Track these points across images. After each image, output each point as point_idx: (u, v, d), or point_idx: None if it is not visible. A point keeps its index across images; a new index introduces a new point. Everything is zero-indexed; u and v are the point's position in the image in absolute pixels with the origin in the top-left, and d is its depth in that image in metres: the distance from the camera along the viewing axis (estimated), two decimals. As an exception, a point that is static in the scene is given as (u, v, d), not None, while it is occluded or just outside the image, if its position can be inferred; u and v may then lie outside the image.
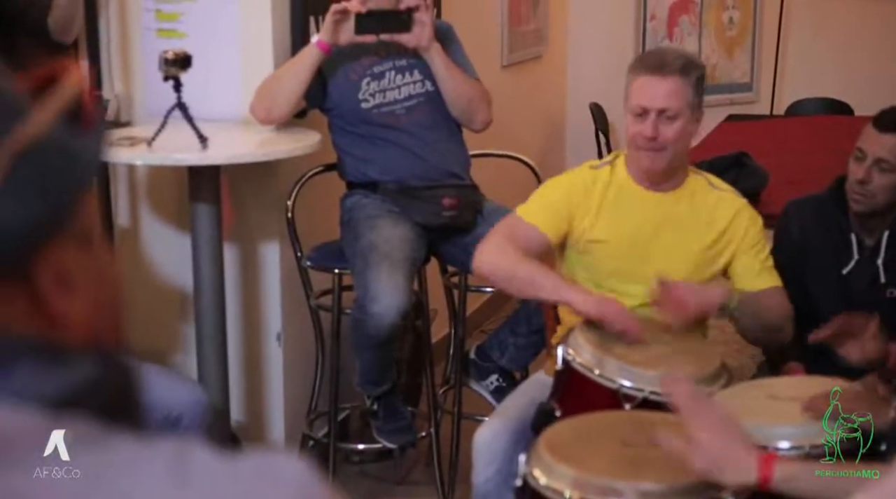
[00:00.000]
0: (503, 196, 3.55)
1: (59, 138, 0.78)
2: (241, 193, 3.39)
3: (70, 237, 0.79)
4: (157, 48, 3.03)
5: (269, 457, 0.75)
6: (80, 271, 0.79)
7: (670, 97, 2.52)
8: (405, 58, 3.24)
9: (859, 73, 6.23)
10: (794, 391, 2.19)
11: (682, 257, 2.59)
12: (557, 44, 6.14)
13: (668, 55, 2.58)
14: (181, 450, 0.73)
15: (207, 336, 3.12)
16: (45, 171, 0.77)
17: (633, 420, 2.18)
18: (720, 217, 2.63)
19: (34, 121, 0.77)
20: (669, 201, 2.63)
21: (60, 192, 0.77)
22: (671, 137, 2.54)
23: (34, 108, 0.78)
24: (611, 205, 2.63)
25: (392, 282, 2.97)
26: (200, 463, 0.73)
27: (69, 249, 0.78)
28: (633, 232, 2.61)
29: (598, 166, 2.69)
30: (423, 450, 3.62)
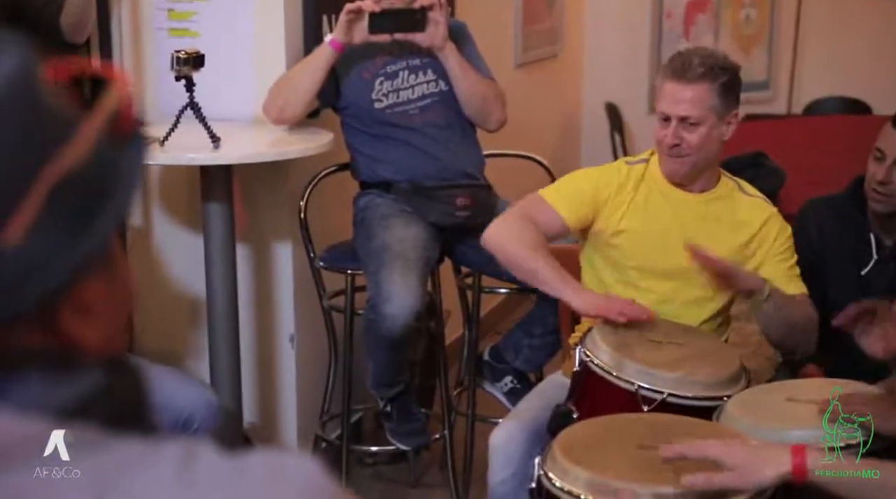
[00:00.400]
0: (517, 196, 3.51)
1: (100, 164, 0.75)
2: (254, 193, 3.37)
3: (96, 268, 0.77)
4: (169, 48, 3.02)
5: (278, 456, 0.75)
6: (99, 299, 0.78)
7: (692, 104, 2.50)
8: (419, 57, 3.22)
9: (878, 71, 6.19)
10: (812, 394, 2.17)
11: None
12: (572, 43, 6.11)
13: (693, 59, 2.53)
14: (188, 451, 0.73)
15: (220, 337, 3.11)
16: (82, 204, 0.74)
17: (648, 423, 2.16)
18: (750, 222, 2.61)
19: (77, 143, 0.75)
20: (700, 202, 2.63)
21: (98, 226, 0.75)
22: (694, 145, 2.53)
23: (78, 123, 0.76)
24: (642, 200, 2.63)
25: (405, 283, 2.95)
26: (207, 464, 0.72)
27: (93, 279, 0.77)
28: (661, 229, 2.60)
29: (634, 163, 2.69)
30: (437, 452, 3.60)
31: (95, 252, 0.75)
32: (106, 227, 0.75)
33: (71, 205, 0.73)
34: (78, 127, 0.75)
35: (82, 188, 0.74)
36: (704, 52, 2.59)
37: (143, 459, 0.71)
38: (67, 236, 0.72)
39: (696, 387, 2.27)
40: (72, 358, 0.76)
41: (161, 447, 0.73)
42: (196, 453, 0.73)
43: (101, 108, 0.77)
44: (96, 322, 0.77)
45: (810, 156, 4.72)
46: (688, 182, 2.62)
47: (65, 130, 0.75)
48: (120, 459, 0.71)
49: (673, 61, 2.56)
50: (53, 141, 0.74)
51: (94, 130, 0.75)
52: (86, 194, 0.74)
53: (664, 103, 2.54)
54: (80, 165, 0.74)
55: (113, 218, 0.76)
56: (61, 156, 0.73)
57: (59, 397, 0.75)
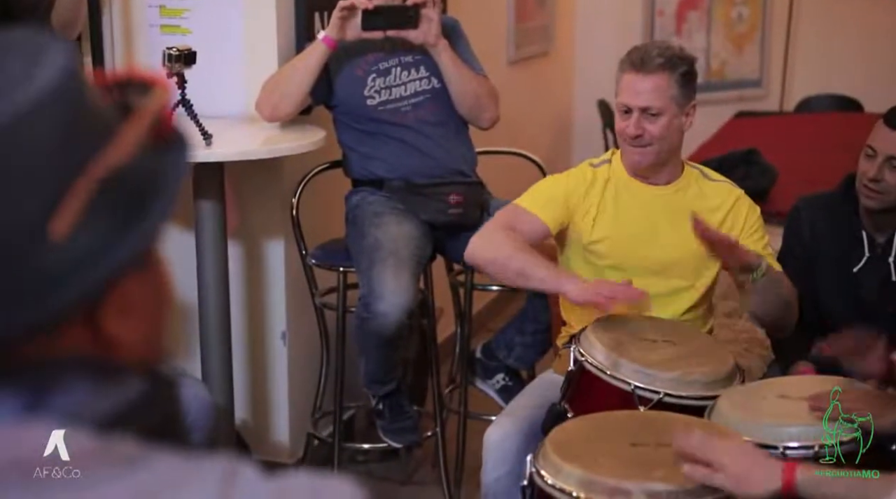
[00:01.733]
0: (510, 193, 3.51)
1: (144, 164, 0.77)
2: (246, 190, 3.37)
3: (138, 268, 0.78)
4: (160, 44, 3.01)
5: (318, 479, 0.75)
6: (140, 297, 0.78)
7: (652, 95, 2.53)
8: (411, 54, 3.21)
9: (869, 69, 6.20)
10: (804, 391, 2.17)
11: (682, 249, 2.59)
12: (565, 40, 6.11)
13: (651, 51, 2.56)
14: (229, 471, 0.73)
15: (212, 334, 3.10)
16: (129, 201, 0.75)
17: (641, 420, 2.16)
18: (719, 207, 2.63)
19: (121, 143, 0.76)
20: (667, 194, 2.65)
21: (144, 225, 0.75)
22: (656, 134, 2.56)
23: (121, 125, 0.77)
24: (611, 202, 2.64)
25: (397, 280, 2.95)
26: (248, 484, 0.73)
27: (135, 280, 0.78)
28: (632, 226, 2.62)
29: (597, 165, 2.71)
30: (429, 450, 3.60)
31: (139, 252, 0.76)
32: (150, 227, 0.76)
33: (117, 203, 0.74)
34: (120, 128, 0.76)
35: (128, 187, 0.75)
36: (662, 45, 2.63)
37: (186, 477, 0.72)
38: (113, 234, 0.73)
39: (692, 386, 2.27)
40: (114, 364, 0.77)
41: (203, 465, 0.73)
42: (237, 473, 0.73)
43: (144, 113, 0.78)
44: (137, 323, 0.78)
45: (802, 153, 4.72)
46: (652, 174, 2.64)
47: (108, 130, 0.76)
48: (162, 476, 0.72)
49: (631, 54, 2.59)
50: (98, 139, 0.75)
51: (136, 133, 0.77)
52: (131, 193, 0.75)
53: (624, 95, 2.56)
54: (125, 164, 0.75)
55: (157, 219, 0.77)
56: (106, 154, 0.74)
57: (101, 406, 0.75)
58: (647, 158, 2.59)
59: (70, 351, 0.75)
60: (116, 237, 0.74)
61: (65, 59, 0.76)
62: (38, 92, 0.73)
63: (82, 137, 0.75)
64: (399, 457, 3.62)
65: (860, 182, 2.65)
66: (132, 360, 0.78)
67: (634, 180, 2.65)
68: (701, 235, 2.45)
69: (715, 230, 2.47)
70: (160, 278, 0.82)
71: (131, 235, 0.74)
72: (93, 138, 0.75)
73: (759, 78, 6.40)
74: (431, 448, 3.53)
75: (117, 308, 0.76)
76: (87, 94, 0.77)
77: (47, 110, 0.73)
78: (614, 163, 2.68)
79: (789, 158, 4.47)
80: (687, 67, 2.58)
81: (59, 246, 0.72)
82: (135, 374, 0.79)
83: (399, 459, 3.63)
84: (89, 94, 0.77)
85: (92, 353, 0.76)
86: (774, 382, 2.43)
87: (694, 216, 2.47)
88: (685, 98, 2.57)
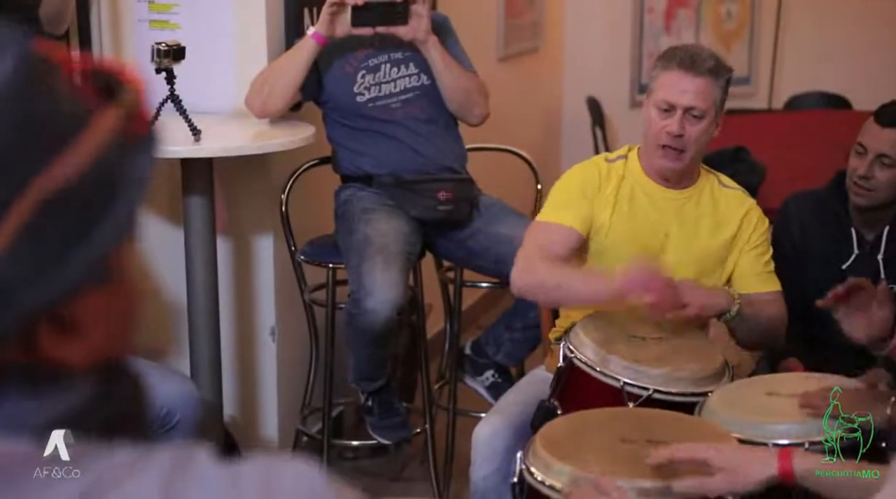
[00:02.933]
0: (499, 190, 3.52)
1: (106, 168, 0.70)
2: (235, 186, 3.36)
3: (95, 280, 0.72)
4: (149, 40, 2.99)
5: (272, 464, 0.72)
6: (94, 313, 0.73)
7: (699, 96, 2.47)
8: (401, 50, 3.21)
9: (858, 66, 6.21)
10: (792, 388, 2.17)
11: (692, 255, 2.57)
12: (554, 37, 6.11)
13: (700, 53, 2.51)
14: (180, 460, 0.71)
15: (200, 331, 3.09)
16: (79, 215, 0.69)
17: (630, 417, 2.17)
18: (731, 215, 2.60)
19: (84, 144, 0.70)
20: (682, 199, 2.60)
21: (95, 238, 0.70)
22: (694, 137, 2.49)
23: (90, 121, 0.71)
24: (625, 201, 2.59)
25: (387, 276, 2.95)
26: (200, 471, 0.70)
27: (90, 294, 0.72)
28: (645, 228, 2.58)
29: (613, 160, 2.64)
30: (418, 446, 3.60)
31: (95, 264, 0.70)
32: (107, 235, 0.71)
33: (66, 216, 0.69)
34: (86, 126, 0.71)
35: (82, 196, 0.69)
36: (708, 49, 2.57)
37: (132, 469, 0.70)
38: (58, 250, 0.68)
39: (681, 383, 2.27)
40: (54, 374, 0.73)
41: (152, 456, 0.71)
42: (188, 463, 0.71)
43: (116, 109, 0.73)
44: (85, 340, 0.73)
45: (791, 151, 4.73)
46: (674, 179, 2.59)
47: (66, 135, 0.70)
48: (106, 473, 0.69)
49: (678, 52, 2.52)
50: (50, 149, 0.69)
51: (104, 130, 0.72)
52: (85, 202, 0.69)
53: (668, 92, 2.48)
54: (83, 170, 0.69)
55: (115, 226, 0.71)
56: (59, 164, 0.69)
57: (45, 412, 0.72)
58: (680, 164, 2.53)
59: (6, 364, 0.71)
60: (63, 254, 0.68)
61: (16, 62, 0.69)
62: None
63: (30, 151, 0.68)
64: (388, 453, 3.62)
65: (850, 179, 2.65)
66: (81, 366, 0.74)
67: (651, 181, 2.60)
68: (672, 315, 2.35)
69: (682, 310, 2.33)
70: (126, 284, 0.77)
71: (83, 247, 0.69)
72: (44, 150, 0.69)
73: (748, 76, 6.41)
74: (421, 445, 3.53)
75: (58, 329, 0.71)
76: (43, 98, 0.70)
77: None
78: (630, 160, 2.63)
79: (778, 155, 4.47)
80: (729, 76, 2.55)
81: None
82: (84, 378, 0.74)
83: (388, 455, 3.63)
84: (45, 98, 0.70)
85: (29, 366, 0.71)
86: (763, 379, 2.44)
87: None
88: (721, 106, 2.53)
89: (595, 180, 2.59)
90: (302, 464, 0.73)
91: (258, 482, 0.71)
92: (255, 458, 0.73)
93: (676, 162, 2.53)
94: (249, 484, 0.71)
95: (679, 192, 2.60)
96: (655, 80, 2.53)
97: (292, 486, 0.71)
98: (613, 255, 2.57)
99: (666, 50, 2.58)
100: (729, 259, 2.59)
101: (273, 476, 0.71)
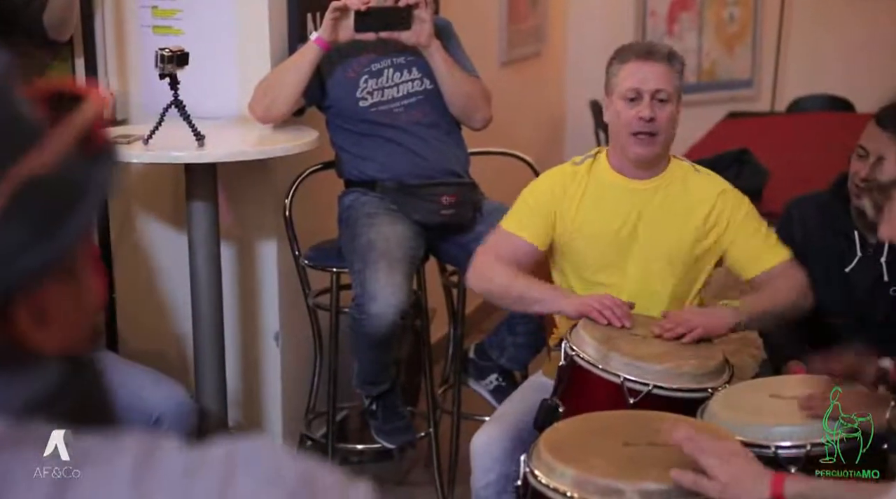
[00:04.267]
0: (503, 194, 3.52)
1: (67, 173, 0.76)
2: (238, 191, 3.37)
3: (58, 274, 0.77)
4: (153, 45, 3.01)
5: (241, 443, 0.74)
6: (58, 305, 0.77)
7: (663, 79, 2.57)
8: (403, 55, 3.22)
9: (861, 69, 6.21)
10: (795, 391, 2.18)
11: (666, 244, 2.60)
12: (556, 41, 6.12)
13: (654, 43, 2.67)
14: (149, 445, 0.73)
15: (205, 336, 3.10)
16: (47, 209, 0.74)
17: (634, 419, 2.17)
18: (703, 199, 2.63)
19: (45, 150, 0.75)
20: (650, 189, 2.63)
21: (61, 234, 0.74)
22: (665, 120, 2.57)
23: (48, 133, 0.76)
24: (591, 198, 2.63)
25: (390, 281, 2.95)
26: (166, 456, 0.72)
27: (53, 286, 0.76)
28: (615, 224, 2.61)
29: (580, 162, 2.71)
30: (423, 450, 3.60)
31: (57, 258, 0.75)
32: (69, 234, 0.75)
33: (35, 208, 0.73)
34: (47, 135, 0.75)
35: (48, 194, 0.74)
36: (654, 41, 2.72)
37: (99, 457, 0.71)
38: (28, 239, 0.72)
39: (681, 379, 2.28)
40: (25, 358, 0.76)
41: (119, 442, 0.73)
42: (157, 447, 0.73)
43: (73, 122, 0.77)
44: (53, 328, 0.77)
45: (794, 153, 4.73)
46: (645, 168, 2.62)
47: (33, 136, 0.75)
48: (76, 454, 0.71)
49: (632, 46, 2.67)
50: (21, 144, 0.74)
51: (63, 141, 0.76)
52: (51, 200, 0.74)
53: (633, 80, 2.56)
54: (47, 171, 0.74)
55: (77, 227, 0.76)
56: (28, 159, 0.73)
57: (13, 397, 0.75)
58: (654, 149, 2.59)
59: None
60: (33, 243, 0.72)
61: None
62: None
63: (6, 142, 0.73)
64: (392, 457, 3.62)
65: (852, 182, 2.66)
66: (47, 353, 0.78)
67: (618, 176, 2.64)
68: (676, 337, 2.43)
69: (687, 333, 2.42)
70: (84, 285, 0.80)
71: (49, 241, 0.73)
72: (16, 143, 0.74)
73: (751, 78, 6.41)
74: (425, 449, 3.53)
75: (32, 313, 0.75)
76: (16, 100, 0.76)
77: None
78: (598, 159, 2.68)
79: (781, 158, 4.47)
80: (682, 65, 2.65)
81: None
82: (49, 365, 0.78)
83: (392, 459, 3.63)
84: (17, 101, 0.76)
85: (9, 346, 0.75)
86: (766, 381, 2.44)
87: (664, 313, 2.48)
88: (680, 94, 2.61)
89: (560, 184, 2.66)
90: (268, 444, 0.75)
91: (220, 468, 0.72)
92: (221, 442, 0.75)
93: (650, 147, 2.58)
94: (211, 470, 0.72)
95: (646, 182, 2.63)
96: (615, 75, 2.61)
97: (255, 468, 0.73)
98: (583, 249, 2.62)
99: (617, 49, 2.67)
100: (706, 243, 2.60)
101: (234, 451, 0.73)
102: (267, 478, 0.72)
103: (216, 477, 0.71)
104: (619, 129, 2.60)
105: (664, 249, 2.60)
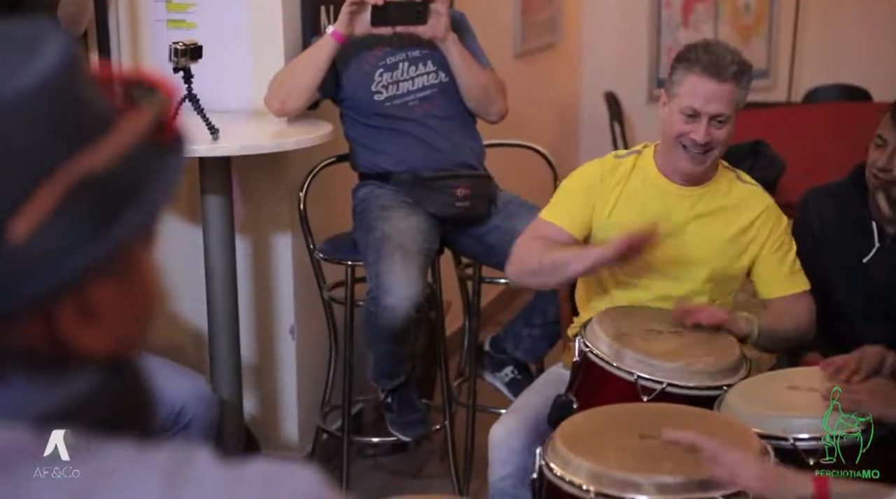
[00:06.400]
0: (517, 186, 3.52)
1: (130, 167, 0.73)
2: (253, 184, 3.37)
3: (110, 272, 0.75)
4: (167, 39, 3.00)
5: (275, 466, 0.72)
6: (110, 303, 0.75)
7: (725, 103, 2.47)
8: (418, 49, 3.21)
9: (877, 58, 6.17)
10: (814, 382, 2.16)
11: (703, 249, 2.56)
12: (571, 32, 6.10)
13: (725, 56, 2.47)
14: (179, 458, 0.71)
15: (220, 329, 3.10)
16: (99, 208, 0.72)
17: (649, 412, 2.16)
18: (747, 210, 2.60)
19: (112, 139, 0.73)
20: (695, 197, 2.60)
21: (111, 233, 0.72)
22: (720, 141, 2.51)
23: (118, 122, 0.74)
24: (631, 195, 2.59)
25: (405, 274, 2.95)
26: (199, 471, 0.70)
27: (106, 283, 0.74)
28: (651, 217, 2.56)
29: (623, 156, 2.66)
30: (438, 443, 3.60)
31: (111, 255, 0.73)
32: (126, 231, 0.73)
33: (91, 205, 0.71)
34: (111, 129, 0.74)
35: (107, 189, 0.72)
36: (730, 48, 2.53)
37: (131, 465, 0.70)
38: (82, 236, 0.71)
39: (695, 377, 2.27)
40: (63, 361, 0.74)
41: (151, 453, 0.71)
42: (187, 461, 0.71)
43: (144, 113, 0.76)
44: (103, 327, 0.75)
45: (810, 144, 4.70)
46: (694, 179, 2.58)
47: (98, 129, 0.73)
48: (107, 465, 0.70)
49: (700, 56, 2.47)
50: (82, 138, 0.72)
51: (131, 133, 0.74)
52: (110, 196, 0.72)
53: (694, 99, 2.46)
54: (109, 165, 0.72)
55: (135, 224, 0.74)
56: (89, 154, 0.71)
57: (45, 403, 0.73)
58: (706, 165, 2.54)
59: (18, 347, 0.72)
60: (86, 240, 0.71)
61: (59, 56, 0.73)
62: (21, 87, 0.71)
63: (64, 137, 0.71)
64: (408, 450, 3.62)
65: (869, 172, 2.64)
66: (92, 356, 0.75)
67: (663, 179, 2.60)
68: (692, 322, 2.43)
69: (705, 316, 2.43)
70: (139, 283, 0.78)
71: (103, 238, 0.71)
72: (77, 138, 0.72)
73: (767, 69, 6.38)
74: (440, 441, 3.53)
75: (80, 311, 0.73)
76: (80, 91, 0.74)
77: (28, 107, 0.70)
78: (644, 156, 2.63)
79: (797, 148, 4.45)
80: (751, 75, 2.54)
81: (16, 248, 0.69)
82: (90, 369, 0.76)
83: (408, 452, 3.63)
84: (82, 92, 0.74)
85: (42, 349, 0.73)
86: (783, 373, 2.43)
87: (678, 308, 2.46)
88: (742, 104, 2.54)
89: (598, 176, 2.61)
90: (303, 470, 0.73)
91: (258, 486, 0.70)
92: (256, 461, 0.73)
93: (700, 164, 2.53)
94: (249, 487, 0.70)
95: (693, 189, 2.60)
96: (678, 84, 2.49)
97: (293, 489, 0.71)
98: None
99: (687, 48, 2.54)
100: (743, 255, 2.58)
101: (273, 480, 0.71)
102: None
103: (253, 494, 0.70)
104: (669, 136, 2.54)
105: (701, 253, 2.57)
